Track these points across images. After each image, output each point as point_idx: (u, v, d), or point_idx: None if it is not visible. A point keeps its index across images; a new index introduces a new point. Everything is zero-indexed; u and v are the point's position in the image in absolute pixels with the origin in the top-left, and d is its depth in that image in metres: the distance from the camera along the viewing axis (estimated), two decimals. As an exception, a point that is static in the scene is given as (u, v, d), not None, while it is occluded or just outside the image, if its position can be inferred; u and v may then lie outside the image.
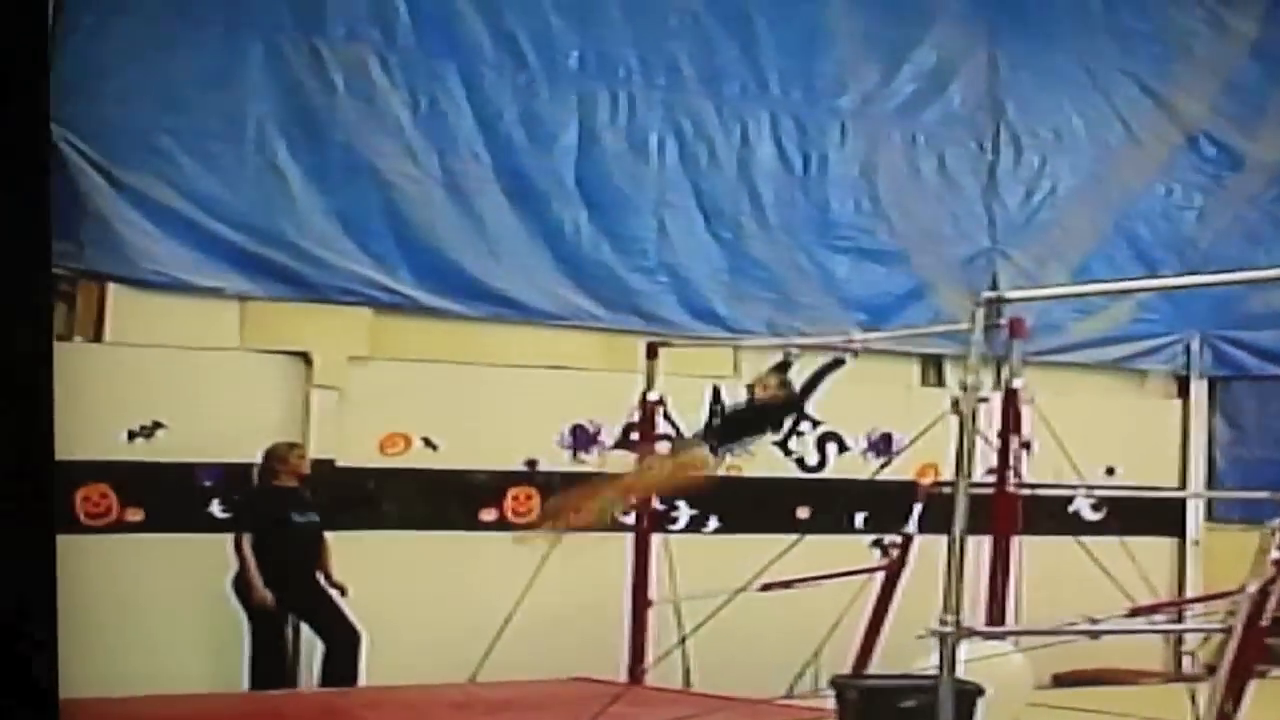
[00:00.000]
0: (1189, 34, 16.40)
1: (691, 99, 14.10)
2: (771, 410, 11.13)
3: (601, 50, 13.73)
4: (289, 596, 11.55)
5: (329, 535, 11.82)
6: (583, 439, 13.41)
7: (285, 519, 11.62)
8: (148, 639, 11.71)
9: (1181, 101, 16.38)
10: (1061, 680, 13.55)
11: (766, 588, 11.51)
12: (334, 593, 11.72)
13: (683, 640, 11.60)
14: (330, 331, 12.65)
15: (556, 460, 13.34)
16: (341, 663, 11.65)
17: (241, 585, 11.47)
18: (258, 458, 11.82)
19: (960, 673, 7.51)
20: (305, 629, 11.90)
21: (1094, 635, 9.52)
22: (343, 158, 12.84)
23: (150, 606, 11.80)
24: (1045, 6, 15.69)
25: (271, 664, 11.69)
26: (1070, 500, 14.36)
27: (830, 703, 9.20)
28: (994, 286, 14.13)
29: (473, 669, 11.63)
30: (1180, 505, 15.78)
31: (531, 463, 13.26)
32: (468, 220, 13.26)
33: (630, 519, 12.39)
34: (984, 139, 15.35)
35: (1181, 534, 15.90)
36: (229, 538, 11.47)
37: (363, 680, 11.62)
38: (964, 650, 7.60)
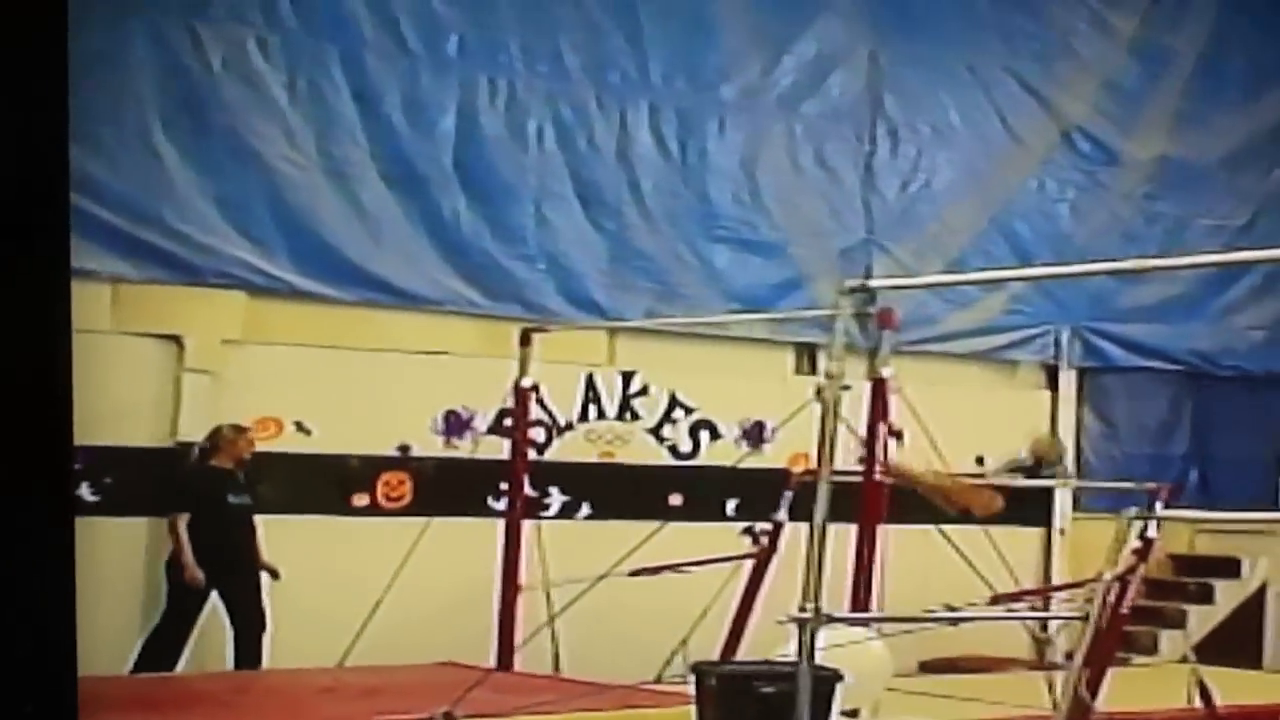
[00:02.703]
0: (1070, 32, 16.59)
1: (573, 86, 14.13)
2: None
3: (483, 35, 13.72)
4: (219, 577, 11.70)
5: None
6: (456, 425, 13.42)
7: (221, 500, 11.81)
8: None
9: (1061, 99, 16.58)
10: (927, 667, 13.71)
11: (637, 573, 11.59)
12: (264, 576, 11.92)
13: (549, 623, 11.65)
14: (203, 315, 12.60)
15: (430, 446, 13.35)
16: (248, 647, 11.76)
17: (173, 565, 11.62)
18: (129, 441, 11.82)
19: (819, 659, 7.59)
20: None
21: (953, 623, 9.64)
22: (222, 140, 12.78)
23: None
24: (930, 2, 15.82)
25: (163, 648, 11.75)
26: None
27: (695, 688, 9.28)
28: (869, 277, 14.25)
29: (341, 654, 11.63)
30: (1048, 495, 15.97)
31: (404, 448, 13.26)
32: (347, 204, 13.23)
33: (501, 504, 12.46)
34: (862, 132, 15.46)
35: (1049, 524, 16.11)
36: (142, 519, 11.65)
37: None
38: (823, 637, 7.69)
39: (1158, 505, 12.31)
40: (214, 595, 11.84)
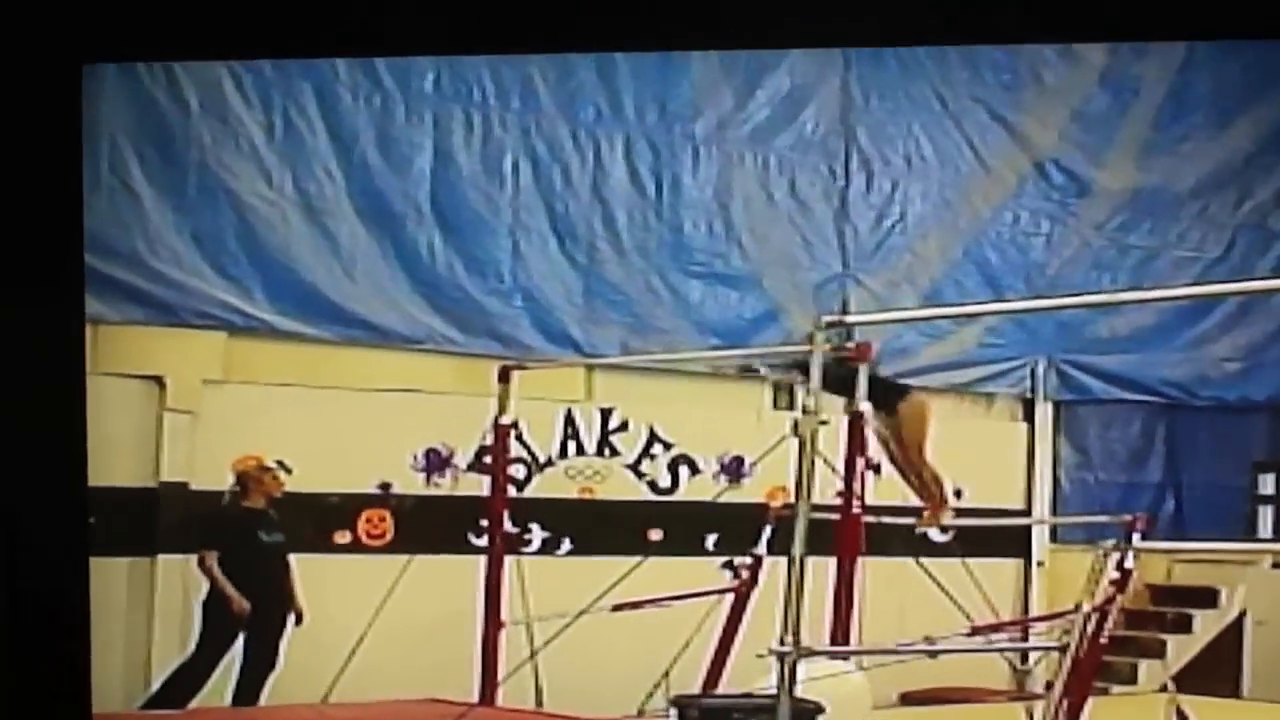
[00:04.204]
0: (1040, 62, 16.63)
1: (546, 122, 14.16)
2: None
3: (456, 72, 13.74)
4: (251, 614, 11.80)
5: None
6: (436, 462, 13.45)
7: (251, 539, 11.91)
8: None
9: (1031, 129, 16.62)
10: (908, 699, 13.74)
11: (619, 608, 11.61)
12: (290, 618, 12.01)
13: (531, 658, 11.66)
14: (184, 355, 12.62)
15: (410, 484, 13.37)
16: (251, 686, 11.85)
17: (210, 602, 11.73)
18: (112, 481, 11.86)
19: (800, 692, 7.63)
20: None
21: (932, 655, 9.69)
22: (197, 178, 12.77)
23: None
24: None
25: (186, 684, 11.84)
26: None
27: (675, 721, 9.32)
28: (844, 310, 14.32)
29: (324, 690, 11.64)
30: (1025, 527, 16.01)
31: (385, 486, 13.29)
32: (322, 242, 13.24)
33: (482, 541, 12.48)
34: (836, 164, 15.50)
35: (1027, 555, 16.15)
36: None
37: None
38: (803, 670, 7.73)
39: (1135, 536, 12.34)
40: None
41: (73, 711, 5.41)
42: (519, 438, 12.82)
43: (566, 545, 13.90)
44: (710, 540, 14.25)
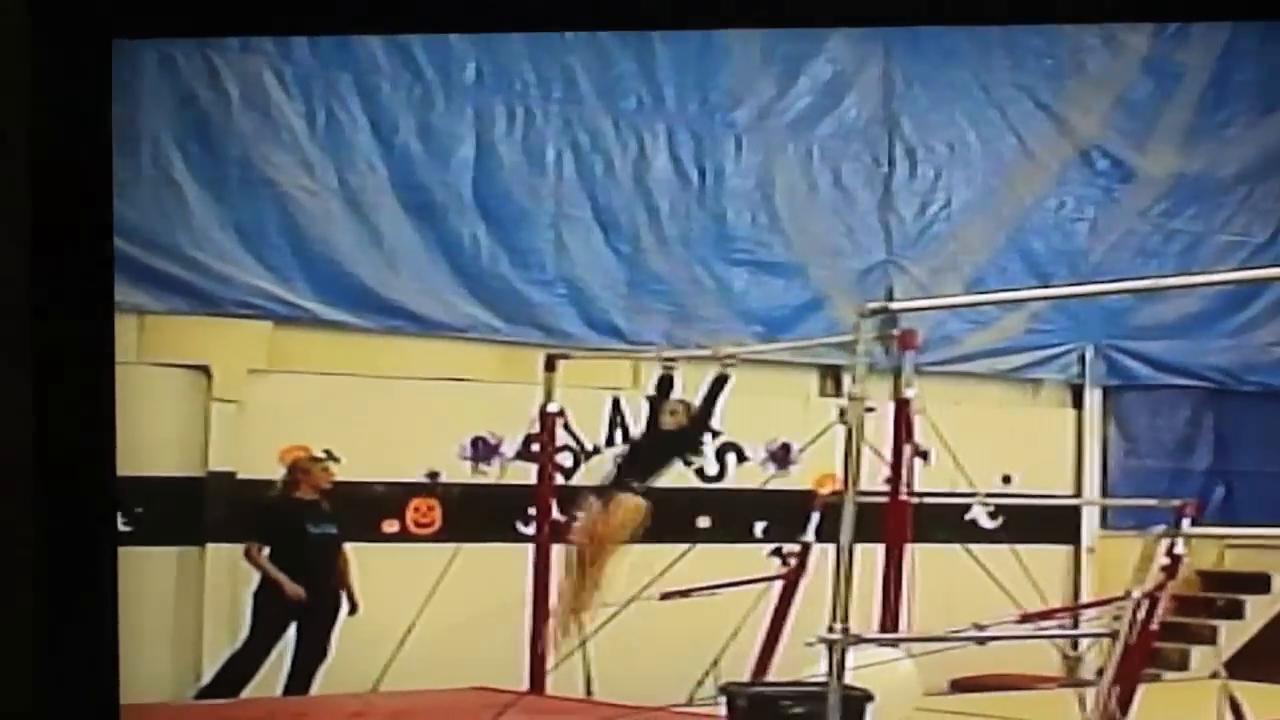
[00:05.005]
0: (1082, 49, 16.56)
1: (588, 112, 14.15)
2: (681, 437, 11.26)
3: (497, 63, 13.74)
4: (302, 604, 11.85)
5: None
6: (484, 451, 13.45)
7: (300, 530, 11.94)
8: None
9: (1074, 116, 16.55)
10: (958, 686, 13.70)
11: (667, 596, 11.60)
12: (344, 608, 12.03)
13: (580, 646, 11.66)
14: (229, 345, 12.63)
15: (457, 472, 13.37)
16: (303, 676, 11.87)
17: (262, 591, 11.79)
18: (160, 470, 11.89)
19: (849, 679, 7.61)
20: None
21: (980, 641, 9.65)
22: (239, 170, 12.80)
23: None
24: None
25: (238, 674, 11.86)
26: (967, 509, 14.50)
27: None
28: (889, 298, 14.26)
29: (374, 679, 11.65)
30: (1075, 513, 15.95)
31: (433, 474, 13.29)
32: (365, 233, 13.25)
33: (530, 529, 12.47)
34: (879, 152, 15.45)
35: (1077, 541, 16.10)
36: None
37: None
38: (853, 657, 7.70)
39: (1184, 522, 12.27)
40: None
41: (100, 702, 5.38)
42: (566, 426, 12.82)
43: (614, 533, 13.89)
44: (759, 527, 14.23)
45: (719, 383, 11.44)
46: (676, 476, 13.86)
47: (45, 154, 5.56)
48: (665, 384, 11.85)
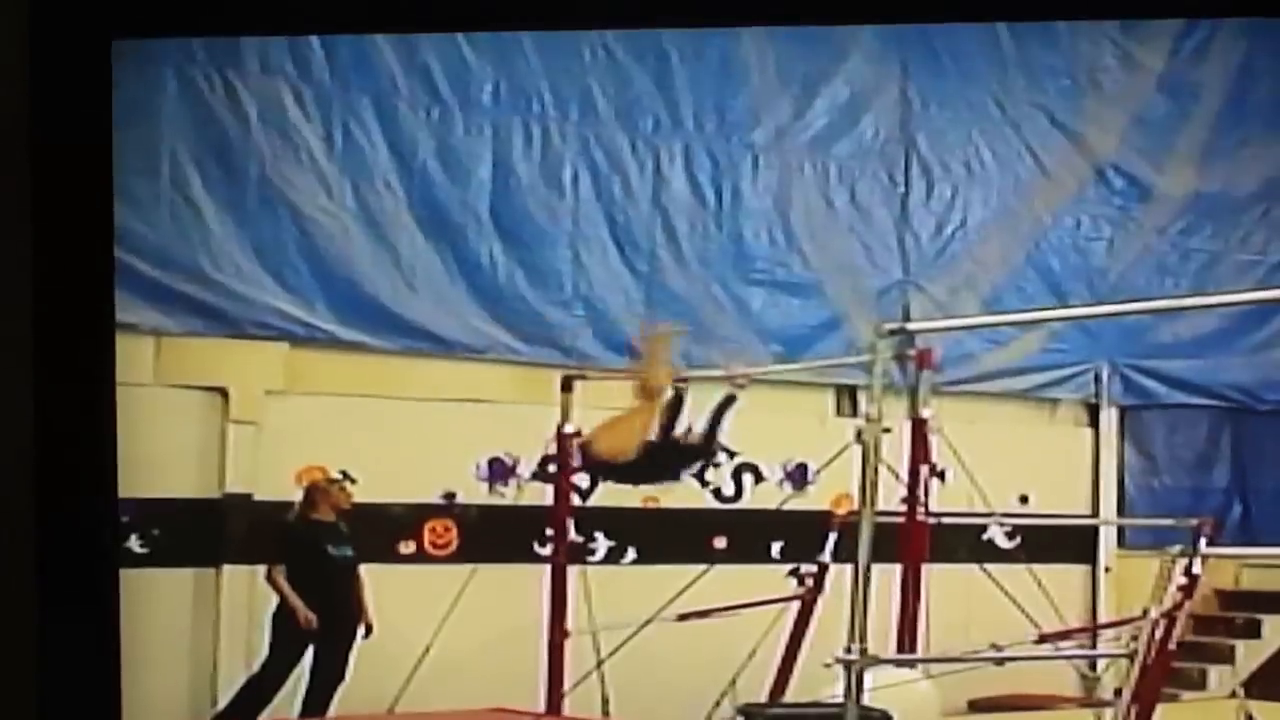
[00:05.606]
0: (1098, 68, 16.57)
1: (605, 132, 14.17)
2: (689, 452, 11.22)
3: (515, 83, 13.76)
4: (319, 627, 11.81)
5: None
6: (500, 472, 13.46)
7: (319, 552, 11.90)
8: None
9: (1091, 134, 16.56)
10: (976, 706, 13.68)
11: (684, 617, 11.61)
12: (360, 630, 11.99)
13: (597, 668, 11.67)
14: (246, 366, 12.64)
15: (474, 493, 13.38)
16: (319, 698, 11.83)
17: (279, 613, 11.75)
18: (176, 492, 11.90)
19: (867, 700, 7.60)
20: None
21: (998, 662, 9.65)
22: (258, 191, 12.82)
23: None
24: (956, 40, 15.83)
25: (256, 696, 11.85)
26: (984, 528, 14.49)
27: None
28: (906, 317, 14.26)
29: (391, 701, 11.65)
30: (1092, 533, 15.94)
31: (449, 495, 13.30)
32: (383, 253, 13.26)
33: (547, 550, 12.48)
34: (896, 172, 15.46)
35: (1094, 561, 16.07)
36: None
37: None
38: (870, 677, 7.70)
39: (1202, 541, 12.25)
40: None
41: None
42: (583, 446, 12.84)
43: (631, 554, 13.88)
44: (775, 548, 14.22)
45: (726, 403, 11.42)
46: (694, 497, 13.91)
47: (45, 154, 5.53)
48: (675, 404, 11.84)
